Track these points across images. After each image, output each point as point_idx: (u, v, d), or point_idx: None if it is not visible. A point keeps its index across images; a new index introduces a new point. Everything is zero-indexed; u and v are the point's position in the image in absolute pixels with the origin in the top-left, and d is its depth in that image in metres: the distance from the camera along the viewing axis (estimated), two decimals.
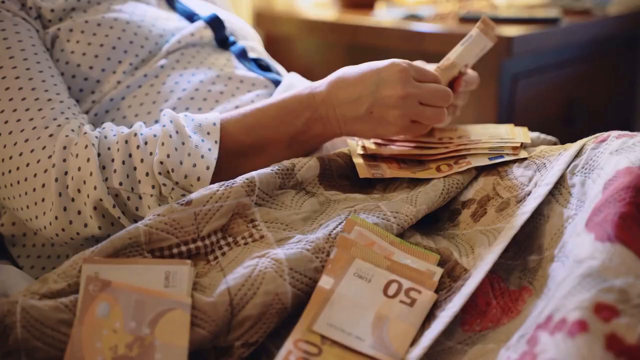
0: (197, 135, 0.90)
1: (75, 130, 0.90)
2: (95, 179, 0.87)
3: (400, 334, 0.73)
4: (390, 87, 0.91)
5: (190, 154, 0.88)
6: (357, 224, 0.80)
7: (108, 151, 0.89)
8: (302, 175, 0.88)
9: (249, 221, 0.82)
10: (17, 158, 0.90)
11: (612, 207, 0.69)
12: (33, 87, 0.93)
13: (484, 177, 0.89)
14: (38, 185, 0.89)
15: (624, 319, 0.61)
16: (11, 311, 0.72)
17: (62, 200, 0.88)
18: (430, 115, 0.92)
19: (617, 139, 0.81)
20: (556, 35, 1.69)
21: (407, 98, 0.90)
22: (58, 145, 0.89)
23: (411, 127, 0.93)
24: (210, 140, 0.90)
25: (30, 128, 0.90)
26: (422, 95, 0.92)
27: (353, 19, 1.79)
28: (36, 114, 0.91)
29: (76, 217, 0.88)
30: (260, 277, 0.74)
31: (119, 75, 1.01)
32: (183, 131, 0.89)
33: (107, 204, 0.87)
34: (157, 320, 0.73)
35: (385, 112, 0.91)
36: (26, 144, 0.90)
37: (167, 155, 0.87)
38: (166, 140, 0.88)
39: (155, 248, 0.79)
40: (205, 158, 0.89)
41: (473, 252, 0.80)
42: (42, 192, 0.89)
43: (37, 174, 0.89)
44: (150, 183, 0.87)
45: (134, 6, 1.08)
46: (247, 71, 1.09)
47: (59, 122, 0.91)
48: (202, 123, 0.92)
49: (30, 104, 0.91)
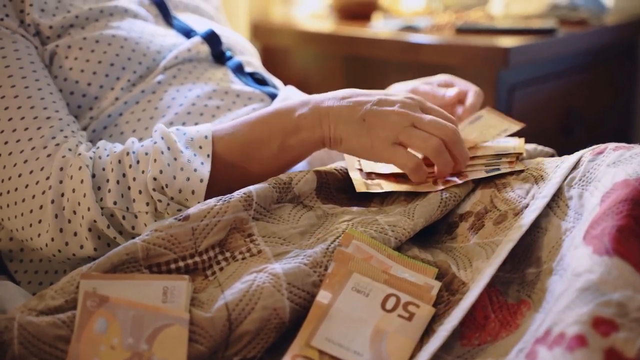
0: (189, 150, 0.90)
1: (73, 149, 0.90)
2: (89, 200, 0.87)
3: (398, 348, 0.72)
4: (391, 102, 0.90)
5: (183, 168, 0.88)
6: (355, 238, 0.80)
7: (103, 172, 0.89)
8: (299, 189, 0.88)
9: (247, 235, 0.82)
10: (16, 179, 0.90)
11: (609, 220, 0.69)
12: (32, 106, 0.93)
13: (481, 190, 0.89)
14: (36, 207, 0.89)
15: (623, 333, 0.61)
16: (8, 327, 0.72)
17: (58, 222, 0.88)
18: (419, 137, 0.88)
19: (614, 151, 0.81)
20: (553, 46, 1.69)
21: (402, 115, 0.89)
22: (55, 166, 0.89)
23: (395, 150, 0.89)
24: (202, 154, 0.90)
25: (29, 149, 0.90)
26: (420, 120, 0.89)
27: (350, 31, 1.80)
28: (35, 133, 0.91)
29: (72, 239, 0.89)
30: (258, 292, 0.74)
31: (116, 92, 1.02)
32: (174, 147, 0.89)
33: (101, 225, 0.87)
34: (155, 336, 0.73)
35: (377, 120, 0.89)
36: (25, 165, 0.90)
37: (160, 171, 0.87)
38: (158, 156, 0.88)
39: (152, 264, 0.79)
40: (198, 171, 0.88)
41: (471, 265, 0.80)
42: (40, 214, 0.89)
43: (35, 196, 0.89)
44: (145, 200, 0.87)
45: (132, 23, 1.08)
46: (244, 85, 1.10)
47: (57, 140, 0.91)
48: (194, 137, 0.91)
49: (29, 122, 0.92)
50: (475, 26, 1.73)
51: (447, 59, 1.62)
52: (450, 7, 2.09)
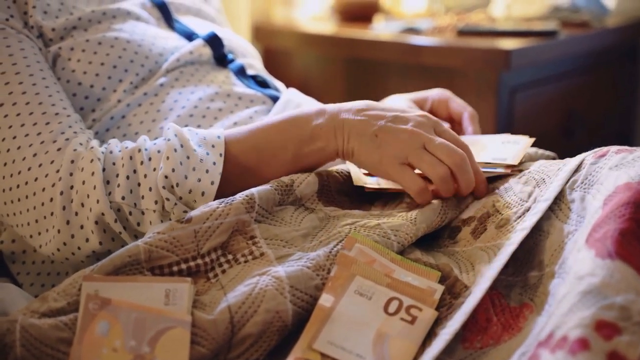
0: (202, 148, 0.90)
1: (84, 143, 0.91)
2: (98, 193, 0.87)
3: (400, 352, 0.72)
4: (406, 120, 0.90)
5: (195, 168, 0.88)
6: (358, 242, 0.80)
7: (113, 166, 0.89)
8: (301, 191, 0.88)
9: (249, 238, 0.82)
10: (26, 173, 0.90)
11: (612, 223, 0.69)
12: (40, 102, 0.93)
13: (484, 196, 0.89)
14: (46, 199, 0.89)
15: (626, 337, 0.61)
16: (10, 330, 0.72)
17: (66, 214, 0.88)
18: (428, 163, 0.88)
19: (616, 154, 0.81)
20: (554, 48, 1.69)
21: (414, 135, 0.88)
22: (66, 159, 0.89)
23: (403, 170, 0.89)
24: (215, 153, 0.90)
25: (38, 142, 0.90)
26: (431, 142, 0.88)
27: (351, 33, 1.80)
28: (44, 127, 0.91)
29: (78, 232, 0.88)
30: (260, 295, 0.74)
31: (119, 94, 1.02)
32: (188, 144, 0.89)
33: (108, 219, 0.87)
34: (157, 339, 0.73)
35: (389, 137, 0.89)
36: (34, 159, 0.90)
37: (172, 169, 0.87)
38: (171, 154, 0.87)
39: (155, 266, 0.79)
40: (210, 172, 0.88)
41: (473, 268, 0.80)
42: (49, 207, 0.89)
43: (45, 188, 0.89)
44: (154, 198, 0.87)
45: (134, 25, 1.08)
46: (246, 88, 1.10)
47: (67, 135, 0.91)
48: (207, 136, 0.91)
49: (38, 118, 0.92)
50: (477, 28, 1.73)
51: (449, 61, 1.62)
52: (452, 9, 2.09)
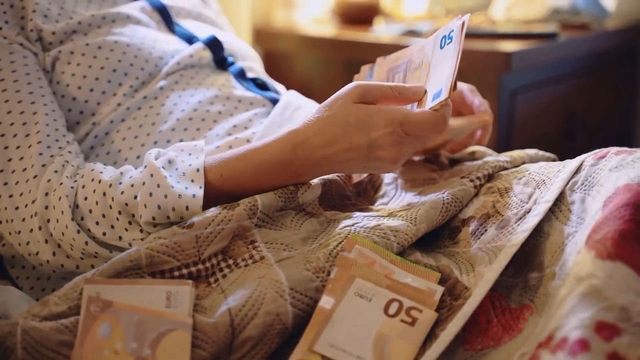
0: (181, 184, 0.87)
1: (59, 170, 0.91)
2: (71, 232, 0.88)
3: (401, 353, 0.72)
4: (384, 150, 0.85)
5: (175, 208, 0.85)
6: (357, 243, 0.80)
7: (85, 201, 0.89)
8: (303, 198, 0.88)
9: (249, 242, 0.82)
10: (9, 200, 0.91)
11: (612, 224, 0.69)
12: (24, 122, 0.94)
13: (483, 195, 0.89)
14: (27, 229, 0.91)
15: (626, 338, 0.61)
16: (12, 333, 0.72)
17: (50, 246, 0.90)
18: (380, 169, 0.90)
19: (616, 155, 0.81)
20: (554, 50, 1.69)
21: (401, 158, 0.87)
22: (40, 191, 0.90)
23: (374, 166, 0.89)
24: (194, 186, 0.87)
25: (20, 170, 0.92)
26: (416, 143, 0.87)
27: (352, 35, 1.80)
28: (26, 152, 0.92)
29: (67, 261, 0.90)
30: (261, 298, 0.74)
31: (119, 98, 1.02)
32: (164, 183, 0.85)
33: (93, 248, 0.88)
34: (158, 341, 0.73)
35: (376, 163, 0.87)
36: (17, 187, 0.91)
37: (153, 217, 0.85)
38: (148, 200, 0.85)
39: (156, 271, 0.80)
40: (190, 209, 0.85)
41: (474, 270, 0.80)
42: (32, 236, 0.90)
43: (25, 219, 0.91)
44: (137, 229, 0.87)
45: (134, 29, 1.09)
46: (245, 91, 1.10)
47: (43, 160, 0.92)
48: (186, 172, 0.88)
49: (21, 140, 0.93)
50: (477, 31, 1.73)
51: None
52: (452, 11, 2.09)
